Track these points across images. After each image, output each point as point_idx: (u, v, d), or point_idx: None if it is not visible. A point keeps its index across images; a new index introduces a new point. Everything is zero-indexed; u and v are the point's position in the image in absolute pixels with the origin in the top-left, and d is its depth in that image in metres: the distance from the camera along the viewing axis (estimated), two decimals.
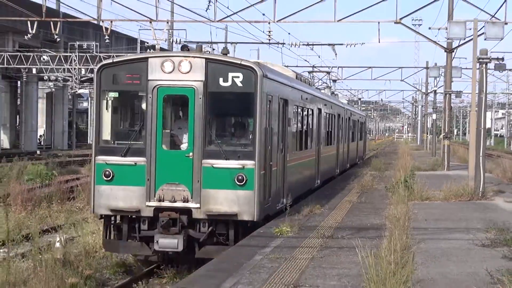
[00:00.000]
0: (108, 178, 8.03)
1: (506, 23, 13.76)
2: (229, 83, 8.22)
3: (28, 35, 20.88)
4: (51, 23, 20.33)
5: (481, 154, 13.37)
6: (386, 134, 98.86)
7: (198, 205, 8.02)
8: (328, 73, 22.57)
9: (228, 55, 9.63)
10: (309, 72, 24.98)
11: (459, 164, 25.34)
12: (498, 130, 50.08)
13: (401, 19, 16.68)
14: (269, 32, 21.30)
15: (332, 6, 17.08)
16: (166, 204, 7.95)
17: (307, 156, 13.46)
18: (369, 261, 5.53)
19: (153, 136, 7.94)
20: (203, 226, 8.05)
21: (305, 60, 26.42)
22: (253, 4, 18.27)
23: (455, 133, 46.73)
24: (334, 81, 21.38)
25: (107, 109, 8.48)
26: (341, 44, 27.18)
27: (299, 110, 12.52)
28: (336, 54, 26.58)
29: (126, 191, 8.06)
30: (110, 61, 8.79)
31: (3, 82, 34.47)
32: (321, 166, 15.07)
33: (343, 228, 9.40)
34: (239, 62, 8.60)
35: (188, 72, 8.03)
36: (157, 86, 8.03)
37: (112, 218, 8.35)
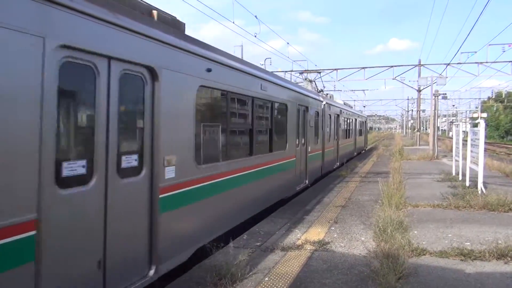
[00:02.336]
0: None
1: (446, 77, 26.39)
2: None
3: None
4: None
5: (435, 138, 24.21)
6: (388, 130, 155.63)
7: None
8: (319, 72, 26.16)
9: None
10: (301, 73, 29.20)
11: (424, 143, 39.60)
12: (443, 127, 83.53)
13: (395, 77, 30.94)
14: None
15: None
16: None
17: (347, 141, 21.32)
18: (383, 187, 10.05)
19: None
20: None
21: (299, 65, 30.95)
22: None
23: (423, 128, 75.81)
24: (310, 81, 20.13)
25: None
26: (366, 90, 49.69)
27: (342, 119, 19.17)
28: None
29: None
30: None
31: None
32: (350, 147, 23.16)
33: (370, 173, 16.55)
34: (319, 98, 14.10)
35: None
36: None
37: None
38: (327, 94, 21.18)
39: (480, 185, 10.28)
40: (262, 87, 8.38)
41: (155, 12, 5.22)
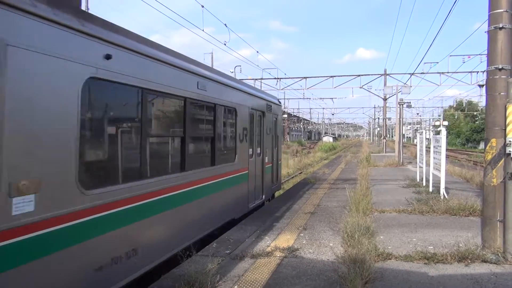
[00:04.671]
0: None
1: (411, 86, 27.25)
2: None
3: None
4: None
5: (400, 145, 24.96)
6: (356, 138, 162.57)
7: None
8: (279, 79, 27.40)
9: None
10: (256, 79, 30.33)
11: (390, 150, 41.37)
12: (408, 135, 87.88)
13: (362, 86, 31.39)
14: None
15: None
16: None
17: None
18: (351, 194, 9.99)
19: None
20: None
21: (269, 73, 32.79)
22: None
23: (390, 136, 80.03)
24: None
25: None
26: (335, 98, 52.15)
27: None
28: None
29: None
30: None
31: None
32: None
33: (338, 179, 16.80)
34: None
35: None
36: None
37: None
38: None
39: (442, 190, 10.66)
40: (200, 86, 6.81)
41: None
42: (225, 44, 21.96)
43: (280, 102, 13.64)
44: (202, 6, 16.89)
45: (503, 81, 5.90)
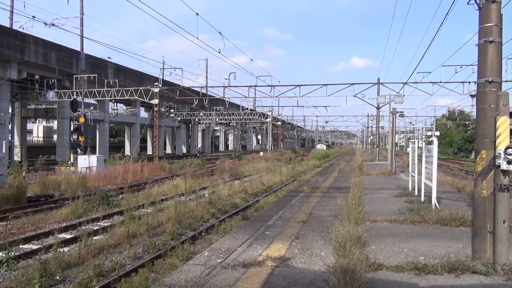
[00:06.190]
0: None
1: (404, 95, 27.51)
2: None
3: (193, 105, 48.52)
4: (203, 100, 39.73)
5: (393, 154, 25.10)
6: (350, 146, 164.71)
7: None
8: (274, 87, 27.93)
9: None
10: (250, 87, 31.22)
11: (383, 158, 42.10)
12: (401, 143, 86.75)
13: (356, 94, 31.11)
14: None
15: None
16: None
17: None
18: (343, 202, 10.30)
19: None
20: None
21: (263, 80, 33.32)
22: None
23: (383, 144, 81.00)
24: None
25: None
26: (328, 106, 54.91)
27: None
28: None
29: None
30: None
31: (183, 124, 68.24)
32: None
33: (331, 188, 16.85)
34: None
35: None
36: None
37: None
38: None
39: (434, 200, 10.71)
40: None
41: None
42: (219, 52, 22.03)
43: None
44: (197, 14, 16.94)
45: (493, 94, 5.97)
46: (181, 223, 11.35)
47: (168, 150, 74.22)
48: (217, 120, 65.46)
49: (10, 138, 38.07)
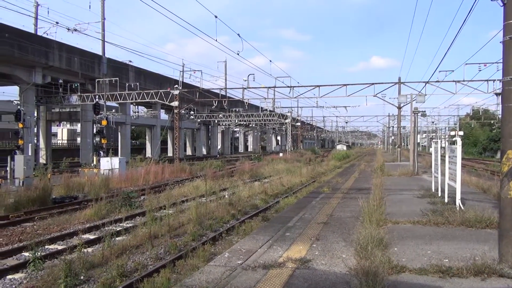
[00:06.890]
0: None
1: (426, 95, 26.82)
2: None
3: (213, 106, 51.54)
4: (223, 101, 44.04)
5: (415, 154, 24.71)
6: (370, 146, 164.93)
7: None
8: (293, 87, 27.86)
9: None
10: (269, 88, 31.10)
11: (405, 159, 41.38)
12: (423, 143, 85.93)
13: (376, 94, 31.38)
14: None
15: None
16: None
17: None
18: (364, 203, 9.95)
19: None
20: None
21: (282, 81, 33.15)
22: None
23: (404, 144, 78.62)
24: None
25: None
26: (348, 106, 58.32)
27: None
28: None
29: None
30: None
31: (203, 126, 69.50)
32: None
33: (352, 189, 16.70)
34: None
35: None
36: None
37: None
38: None
39: (458, 201, 10.47)
40: None
41: None
42: (238, 54, 22.12)
43: None
44: (216, 17, 17.06)
45: None
46: (201, 224, 11.44)
47: (189, 151, 74.92)
48: (236, 121, 65.87)
49: (35, 141, 39.14)
